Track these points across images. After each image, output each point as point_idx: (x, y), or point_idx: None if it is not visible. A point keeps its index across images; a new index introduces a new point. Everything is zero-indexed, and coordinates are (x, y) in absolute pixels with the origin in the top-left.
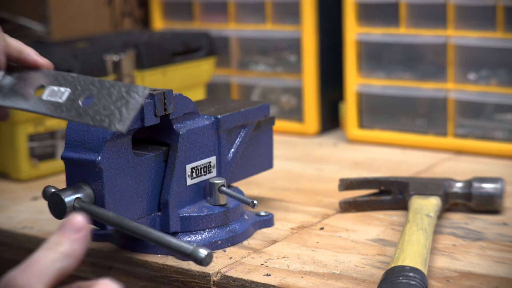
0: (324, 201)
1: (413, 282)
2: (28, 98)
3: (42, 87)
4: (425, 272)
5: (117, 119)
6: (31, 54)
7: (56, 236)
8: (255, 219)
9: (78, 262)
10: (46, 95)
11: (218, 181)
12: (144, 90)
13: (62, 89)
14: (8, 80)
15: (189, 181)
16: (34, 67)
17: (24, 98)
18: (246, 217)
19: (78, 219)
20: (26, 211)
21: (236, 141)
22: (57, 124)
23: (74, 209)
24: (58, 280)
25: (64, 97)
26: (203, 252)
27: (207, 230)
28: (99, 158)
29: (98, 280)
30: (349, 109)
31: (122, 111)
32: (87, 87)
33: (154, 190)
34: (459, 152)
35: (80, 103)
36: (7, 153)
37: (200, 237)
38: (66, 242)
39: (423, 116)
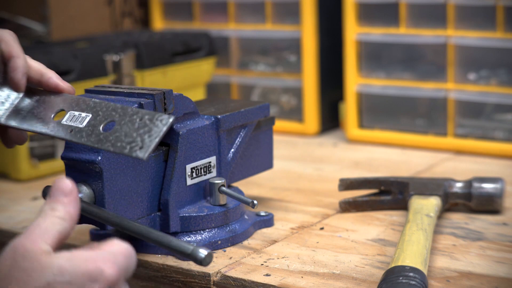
0: (324, 201)
1: (413, 282)
2: (47, 122)
3: (62, 111)
4: (425, 272)
5: (138, 147)
6: (52, 77)
7: (49, 203)
8: (255, 219)
9: (74, 224)
10: (66, 119)
11: (218, 181)
12: (168, 119)
13: (83, 114)
14: (27, 102)
15: (189, 181)
16: (55, 91)
17: (43, 122)
18: (246, 217)
19: (65, 183)
20: (26, 211)
21: (236, 141)
22: None
23: None
24: (60, 243)
25: (85, 123)
26: (203, 252)
27: (207, 230)
28: (99, 158)
29: (109, 240)
30: (349, 109)
31: (144, 138)
32: (109, 113)
33: (154, 190)
34: (459, 152)
35: (100, 129)
36: (7, 153)
37: (200, 237)
38: (59, 206)
39: (423, 116)
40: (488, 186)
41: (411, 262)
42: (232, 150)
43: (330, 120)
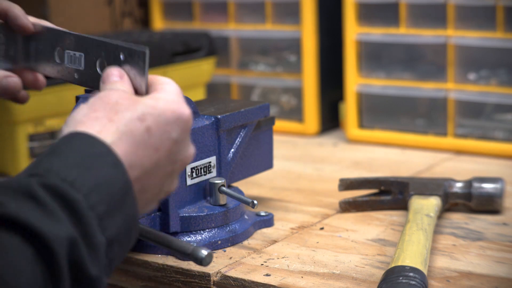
0: (324, 201)
1: (413, 282)
2: (54, 64)
3: (60, 49)
4: (425, 272)
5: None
6: (20, 16)
7: (104, 87)
8: (255, 219)
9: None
10: (66, 61)
11: (218, 181)
12: (145, 56)
13: (77, 54)
14: (28, 44)
15: (189, 181)
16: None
17: (51, 64)
18: (246, 217)
19: (115, 68)
20: None
21: (236, 141)
22: (57, 124)
23: None
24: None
25: (82, 64)
26: (203, 252)
27: (207, 230)
28: None
29: (161, 78)
30: (349, 109)
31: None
32: (96, 50)
33: None
34: (459, 152)
35: (98, 70)
36: (7, 153)
37: (200, 237)
38: (118, 84)
39: (423, 116)
40: (488, 186)
41: (411, 262)
42: (232, 150)
43: (330, 120)
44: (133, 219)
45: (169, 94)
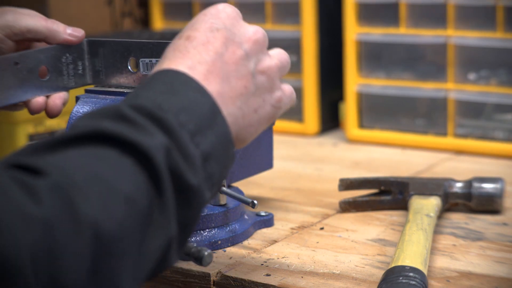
0: (324, 201)
1: (413, 282)
2: (129, 74)
3: (133, 58)
4: (425, 272)
5: None
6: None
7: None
8: (255, 219)
9: None
10: (142, 69)
11: None
12: None
13: (153, 60)
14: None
15: None
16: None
17: (126, 75)
18: (246, 217)
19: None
20: None
21: None
22: (57, 124)
23: None
24: None
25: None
26: (203, 252)
27: (207, 230)
28: None
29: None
30: (349, 109)
31: None
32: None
33: None
34: (459, 152)
35: None
36: (7, 153)
37: (200, 237)
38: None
39: (423, 116)
40: (488, 186)
41: (411, 262)
42: None
43: (330, 120)
44: (227, 138)
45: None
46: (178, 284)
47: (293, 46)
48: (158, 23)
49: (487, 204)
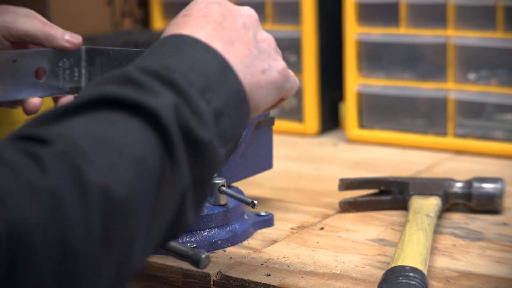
0: (324, 201)
1: (413, 282)
2: None
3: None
4: (425, 272)
5: None
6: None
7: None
8: (255, 219)
9: None
10: None
11: (218, 181)
12: None
13: None
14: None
15: None
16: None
17: None
18: (246, 217)
19: None
20: None
21: None
22: None
23: None
24: None
25: None
26: (200, 254)
27: (207, 230)
28: None
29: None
30: (349, 109)
31: None
32: None
33: None
34: (459, 152)
35: None
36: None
37: (200, 237)
38: None
39: (423, 116)
40: (488, 186)
41: (411, 262)
42: None
43: (330, 120)
44: (240, 94)
45: None
46: (178, 284)
47: (293, 46)
48: (158, 23)
49: (487, 204)
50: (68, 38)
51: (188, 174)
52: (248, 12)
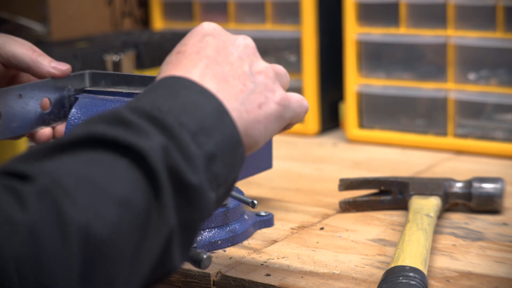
0: (324, 201)
1: (413, 282)
2: None
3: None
4: (425, 272)
5: None
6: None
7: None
8: (255, 219)
9: None
10: None
11: None
12: None
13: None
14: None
15: None
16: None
17: None
18: (246, 217)
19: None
20: None
21: None
22: None
23: None
24: None
25: None
26: (202, 255)
27: (207, 230)
28: None
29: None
30: (349, 109)
31: None
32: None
33: None
34: (459, 152)
35: None
36: (7, 153)
37: (200, 237)
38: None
39: (423, 116)
40: (488, 186)
41: (411, 262)
42: None
43: (330, 120)
44: (234, 138)
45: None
46: (178, 284)
47: (293, 46)
48: (158, 23)
49: (487, 204)
50: (55, 65)
51: (174, 218)
52: (244, 42)
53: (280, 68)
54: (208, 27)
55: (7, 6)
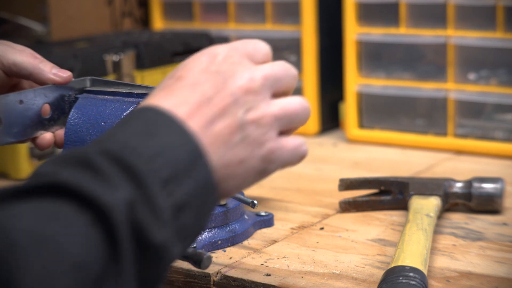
0: (324, 201)
1: (413, 282)
2: None
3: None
4: (425, 272)
5: None
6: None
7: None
8: (255, 219)
9: None
10: None
11: None
12: None
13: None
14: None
15: None
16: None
17: None
18: (246, 217)
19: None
20: None
21: None
22: None
23: None
24: None
25: None
26: (202, 255)
27: (207, 230)
28: None
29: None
30: (349, 109)
31: None
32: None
33: None
34: (459, 152)
35: None
36: (7, 153)
37: (200, 237)
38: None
39: (423, 116)
40: (488, 186)
41: (411, 262)
42: None
43: (330, 120)
44: (208, 183)
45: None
46: (178, 284)
47: (293, 46)
48: (158, 23)
49: (487, 204)
50: (56, 72)
51: (133, 281)
52: (247, 85)
53: (294, 107)
54: (220, 55)
55: (7, 6)
